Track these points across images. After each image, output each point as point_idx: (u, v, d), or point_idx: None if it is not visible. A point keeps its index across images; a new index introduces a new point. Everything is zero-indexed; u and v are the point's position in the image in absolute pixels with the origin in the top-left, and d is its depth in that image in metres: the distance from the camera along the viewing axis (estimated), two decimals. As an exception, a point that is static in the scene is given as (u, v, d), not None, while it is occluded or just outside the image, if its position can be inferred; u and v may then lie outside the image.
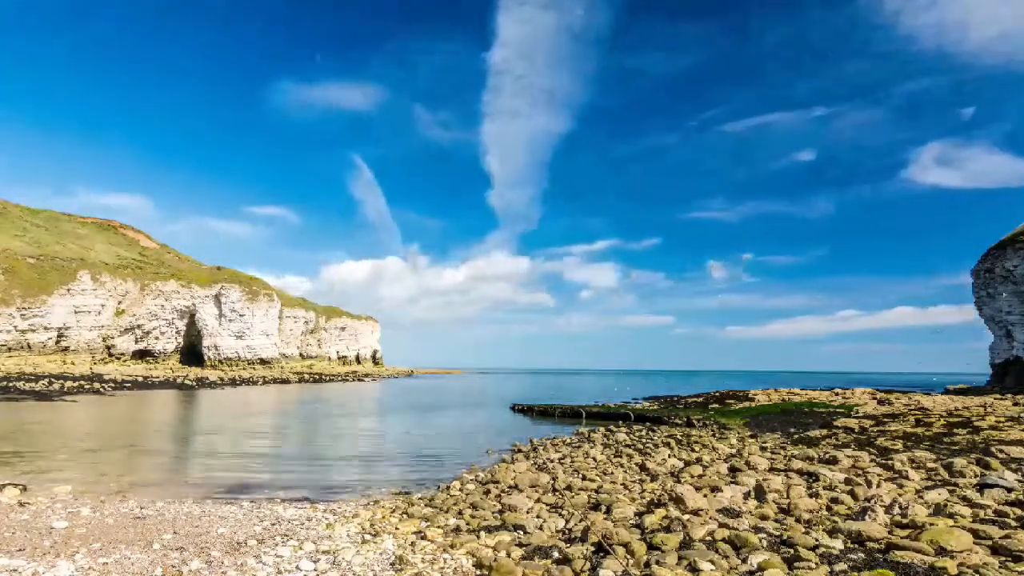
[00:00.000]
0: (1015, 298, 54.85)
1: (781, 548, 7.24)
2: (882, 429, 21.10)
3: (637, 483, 12.23)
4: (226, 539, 8.18)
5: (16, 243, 76.26)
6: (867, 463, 13.46)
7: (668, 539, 7.47)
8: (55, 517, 9.16)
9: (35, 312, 67.96)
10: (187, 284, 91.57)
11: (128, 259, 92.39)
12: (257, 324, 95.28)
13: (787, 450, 16.75)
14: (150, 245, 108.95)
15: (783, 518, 8.90)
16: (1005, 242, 57.05)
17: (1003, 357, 56.29)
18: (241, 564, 7.04)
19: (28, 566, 6.70)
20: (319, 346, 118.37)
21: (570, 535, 8.32)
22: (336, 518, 9.67)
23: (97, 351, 76.35)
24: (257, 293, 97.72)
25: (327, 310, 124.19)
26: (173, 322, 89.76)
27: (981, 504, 9.12)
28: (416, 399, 52.03)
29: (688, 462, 14.67)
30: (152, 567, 6.88)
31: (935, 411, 26.59)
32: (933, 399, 35.01)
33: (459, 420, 33.24)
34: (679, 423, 27.74)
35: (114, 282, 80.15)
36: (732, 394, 46.36)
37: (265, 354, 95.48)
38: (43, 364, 65.63)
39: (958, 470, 11.99)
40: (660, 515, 8.70)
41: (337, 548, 7.75)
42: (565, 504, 10.28)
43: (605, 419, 30.99)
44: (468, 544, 7.96)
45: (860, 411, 28.45)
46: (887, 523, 8.12)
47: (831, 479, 11.37)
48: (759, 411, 31.08)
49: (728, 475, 12.53)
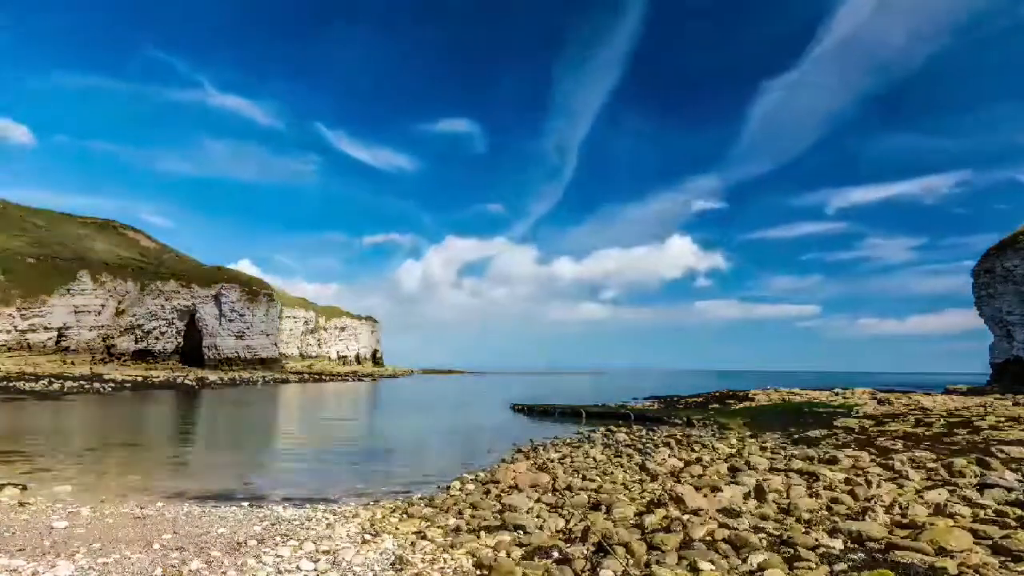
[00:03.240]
0: (1015, 298, 54.84)
1: (781, 548, 7.24)
2: (882, 429, 21.10)
3: (637, 483, 12.23)
4: (226, 539, 8.18)
5: (16, 243, 76.28)
6: (867, 463, 13.46)
7: (668, 539, 7.46)
8: (55, 517, 9.16)
9: (35, 312, 67.97)
10: (187, 284, 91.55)
11: (128, 259, 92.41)
12: (257, 324, 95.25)
13: (787, 450, 16.74)
14: (150, 245, 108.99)
15: (783, 518, 8.89)
16: (1005, 242, 57.01)
17: (1003, 357, 56.27)
18: (241, 564, 7.04)
19: (28, 566, 6.70)
20: (319, 346, 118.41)
21: (570, 535, 8.31)
22: (336, 518, 9.67)
23: (97, 351, 76.34)
24: (257, 293, 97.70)
25: (327, 310, 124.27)
26: (173, 322, 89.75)
27: (981, 504, 9.12)
28: (416, 399, 52.03)
29: (688, 462, 14.66)
30: (152, 567, 6.87)
31: (935, 411, 26.59)
32: (933, 399, 35.00)
33: (459, 420, 33.23)
34: (679, 423, 27.74)
35: (114, 282, 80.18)
36: (732, 394, 46.34)
37: (265, 354, 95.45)
38: (43, 364, 65.61)
39: (958, 470, 11.99)
40: (660, 515, 8.70)
41: (337, 548, 7.75)
42: (565, 504, 10.27)
43: (605, 419, 30.98)
44: (468, 544, 7.95)
45: (860, 411, 28.44)
46: (887, 523, 8.13)
47: (831, 479, 11.36)
48: (759, 411, 31.05)
49: (728, 475, 12.52)
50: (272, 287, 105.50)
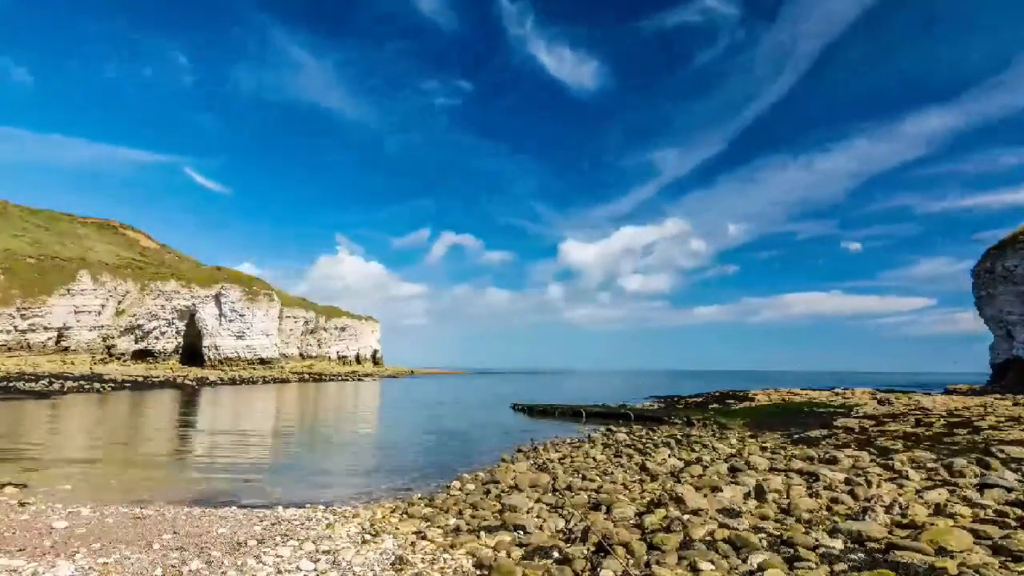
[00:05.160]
0: (1015, 298, 54.84)
1: (781, 548, 7.24)
2: (882, 429, 21.10)
3: (637, 483, 12.23)
4: (226, 539, 8.18)
5: (16, 243, 76.29)
6: (867, 463, 13.46)
7: (668, 539, 7.47)
8: (55, 517, 9.16)
9: (35, 312, 67.96)
10: (187, 284, 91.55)
11: (128, 259, 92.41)
12: (257, 324, 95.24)
13: (787, 450, 16.74)
14: (150, 245, 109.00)
15: (783, 518, 8.89)
16: (1005, 242, 57.00)
17: (1003, 357, 56.27)
18: (241, 564, 7.04)
19: (28, 566, 6.70)
20: (319, 346, 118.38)
21: (570, 535, 8.31)
22: (336, 518, 9.67)
23: (97, 351, 76.32)
24: (257, 293, 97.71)
25: (327, 310, 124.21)
26: (173, 322, 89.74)
27: (981, 504, 9.13)
28: (416, 398, 52.02)
29: (688, 462, 14.66)
30: (152, 567, 6.87)
31: (935, 411, 26.59)
32: (933, 399, 35.00)
33: (459, 420, 33.22)
34: (679, 423, 27.74)
35: (114, 282, 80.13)
36: (732, 394, 46.37)
37: (265, 354, 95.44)
38: (43, 364, 65.60)
39: (958, 470, 11.99)
40: (660, 515, 8.70)
41: (337, 548, 7.75)
42: (565, 504, 10.27)
43: (605, 418, 31.00)
44: (468, 544, 7.95)
45: (860, 411, 28.44)
46: (887, 523, 8.13)
47: (831, 479, 11.37)
48: (759, 411, 31.06)
49: (728, 475, 12.52)
50: (272, 287, 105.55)
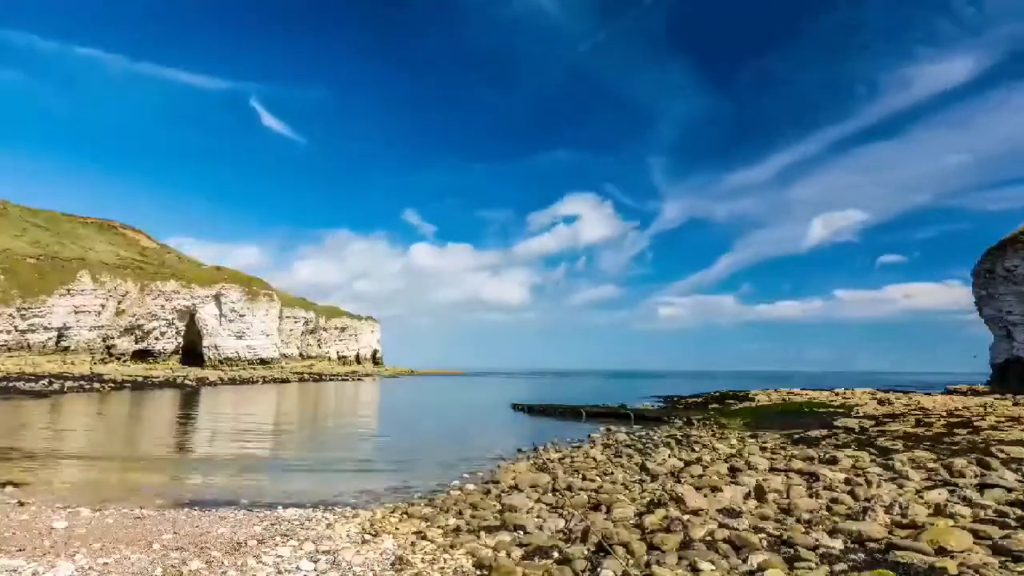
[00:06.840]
0: (1015, 298, 54.81)
1: (781, 548, 7.24)
2: (882, 429, 21.10)
3: (637, 483, 12.22)
4: (226, 539, 8.17)
5: (16, 243, 76.23)
6: (867, 463, 13.45)
7: (668, 539, 7.46)
8: (55, 517, 9.16)
9: (35, 312, 67.95)
10: (187, 284, 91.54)
11: (128, 259, 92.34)
12: (257, 324, 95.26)
13: (787, 450, 16.73)
14: (150, 245, 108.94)
15: (783, 518, 8.89)
16: (1005, 242, 56.95)
17: (1003, 357, 56.24)
18: (241, 564, 7.03)
19: (28, 566, 6.69)
20: (319, 346, 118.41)
21: (570, 535, 8.31)
22: (336, 518, 9.66)
23: (97, 351, 76.31)
24: (257, 293, 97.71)
25: (327, 310, 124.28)
26: (173, 322, 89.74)
27: (981, 504, 9.12)
28: (415, 398, 52.02)
29: (688, 462, 14.65)
30: (152, 567, 6.87)
31: (935, 411, 26.60)
32: (933, 399, 35.01)
33: (459, 420, 33.22)
34: (679, 423, 27.74)
35: (114, 282, 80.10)
36: (732, 394, 46.38)
37: (265, 354, 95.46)
38: (43, 364, 65.59)
39: (958, 470, 11.99)
40: (660, 515, 8.69)
41: (337, 548, 7.75)
42: (565, 504, 10.27)
43: (605, 418, 30.99)
44: (468, 544, 7.95)
45: (860, 411, 28.44)
46: (887, 523, 8.12)
47: (831, 479, 11.36)
48: (759, 411, 31.06)
49: (728, 475, 12.51)
50: (272, 287, 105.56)
